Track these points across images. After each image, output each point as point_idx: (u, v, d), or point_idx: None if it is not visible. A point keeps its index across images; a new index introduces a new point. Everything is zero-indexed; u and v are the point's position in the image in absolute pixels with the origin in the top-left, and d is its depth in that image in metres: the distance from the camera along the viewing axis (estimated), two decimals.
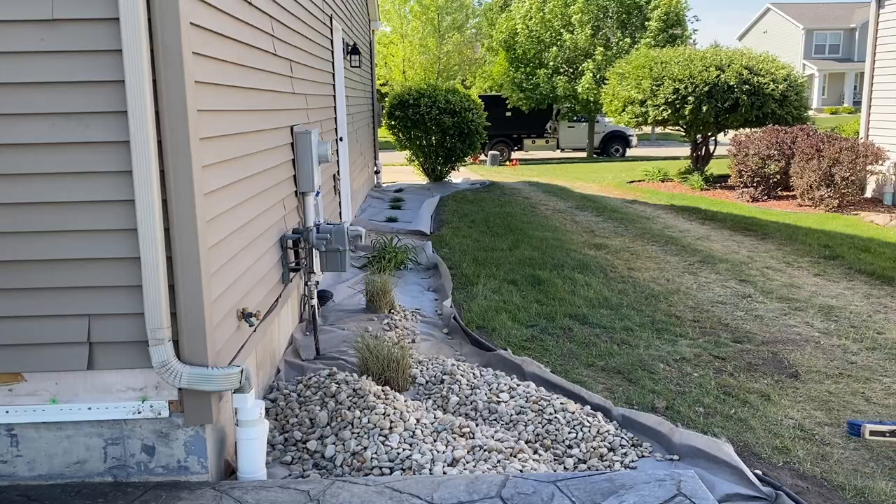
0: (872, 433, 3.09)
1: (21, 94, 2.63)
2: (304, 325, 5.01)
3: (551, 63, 24.47)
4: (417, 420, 3.56)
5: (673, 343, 4.96)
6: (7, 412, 2.84)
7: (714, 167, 15.97)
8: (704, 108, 14.37)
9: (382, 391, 3.86)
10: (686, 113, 14.58)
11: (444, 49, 31.01)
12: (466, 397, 3.93)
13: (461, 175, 17.21)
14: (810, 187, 11.54)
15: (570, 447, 3.45)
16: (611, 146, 25.97)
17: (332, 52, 7.29)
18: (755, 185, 12.77)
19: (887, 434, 3.11)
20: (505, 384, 4.08)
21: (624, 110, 16.20)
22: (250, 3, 3.68)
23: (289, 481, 2.94)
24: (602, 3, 24.11)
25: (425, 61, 30.86)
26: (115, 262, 2.75)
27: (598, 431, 3.57)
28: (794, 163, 11.98)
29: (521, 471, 3.11)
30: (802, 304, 5.98)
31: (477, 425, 3.59)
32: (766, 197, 12.72)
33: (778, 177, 12.52)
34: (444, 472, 3.10)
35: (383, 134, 16.48)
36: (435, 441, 3.39)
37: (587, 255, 7.75)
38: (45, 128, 2.65)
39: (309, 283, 4.57)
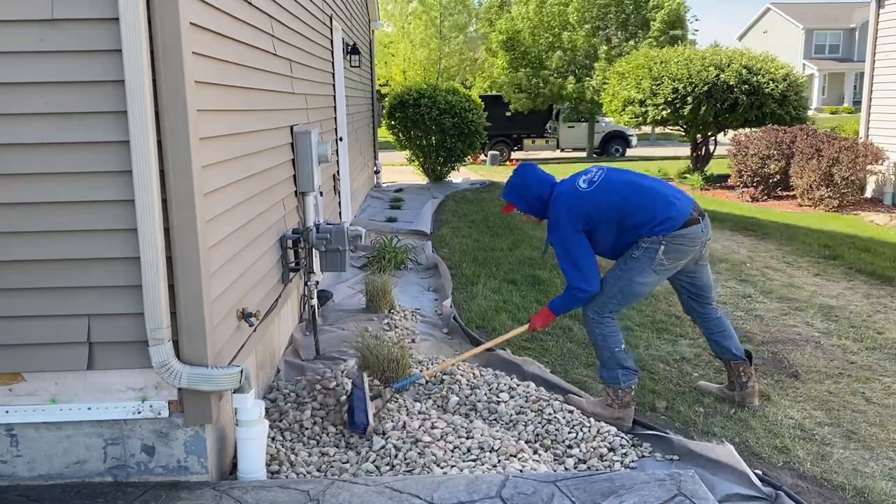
0: None
1: (21, 94, 2.63)
2: (304, 325, 5.01)
3: (555, 66, 24.45)
4: (416, 419, 3.55)
5: (673, 343, 4.96)
6: (7, 412, 2.84)
7: (714, 167, 15.98)
8: (704, 108, 14.37)
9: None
10: (685, 113, 14.59)
11: (446, 49, 31.00)
12: (466, 397, 3.93)
13: (461, 175, 17.21)
14: (810, 187, 11.54)
15: (570, 447, 3.45)
16: (611, 146, 25.96)
17: (332, 52, 7.29)
18: (755, 184, 12.78)
19: None
20: (505, 384, 4.08)
21: (624, 110, 16.21)
22: (250, 3, 3.68)
23: (289, 481, 2.94)
24: (602, 3, 24.10)
25: (426, 61, 30.85)
26: (115, 262, 2.75)
27: (598, 431, 3.56)
28: (793, 163, 11.98)
29: (521, 471, 3.11)
30: (802, 304, 5.98)
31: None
32: (765, 197, 12.72)
33: (778, 177, 12.53)
34: (444, 472, 3.10)
35: (383, 134, 16.48)
36: (435, 441, 3.40)
37: None
38: (45, 128, 2.65)
39: (309, 283, 4.57)
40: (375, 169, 14.00)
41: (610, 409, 3.73)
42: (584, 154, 26.19)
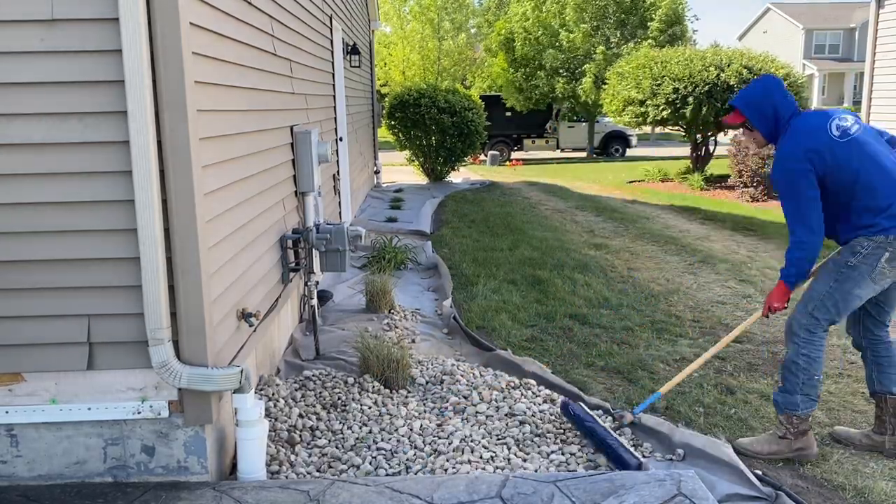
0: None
1: (21, 94, 2.63)
2: (303, 325, 5.01)
3: (549, 65, 24.48)
4: (416, 418, 3.55)
5: (673, 343, 4.96)
6: (7, 412, 2.84)
7: (714, 167, 15.97)
8: (704, 108, 14.37)
9: (381, 392, 3.86)
10: (686, 113, 14.58)
11: (444, 49, 31.00)
12: (466, 397, 3.93)
13: (461, 175, 17.22)
14: None
15: (569, 447, 3.44)
16: (611, 146, 25.98)
17: (332, 52, 7.29)
18: (755, 185, 12.77)
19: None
20: (505, 384, 4.08)
21: (624, 110, 16.21)
22: (250, 3, 3.68)
23: (289, 481, 2.94)
24: (600, 4, 24.12)
25: (425, 61, 30.85)
26: (115, 262, 2.75)
27: None
28: None
29: (522, 470, 3.11)
30: None
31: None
32: (766, 197, 12.72)
33: None
34: (444, 472, 3.10)
35: (383, 134, 16.49)
36: (435, 441, 3.40)
37: (587, 255, 7.75)
38: (45, 128, 2.65)
39: (309, 283, 4.57)
40: (375, 169, 14.01)
41: (786, 441, 3.31)
42: (584, 154, 26.20)
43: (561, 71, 24.65)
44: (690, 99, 14.41)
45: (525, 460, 3.28)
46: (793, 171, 3.13)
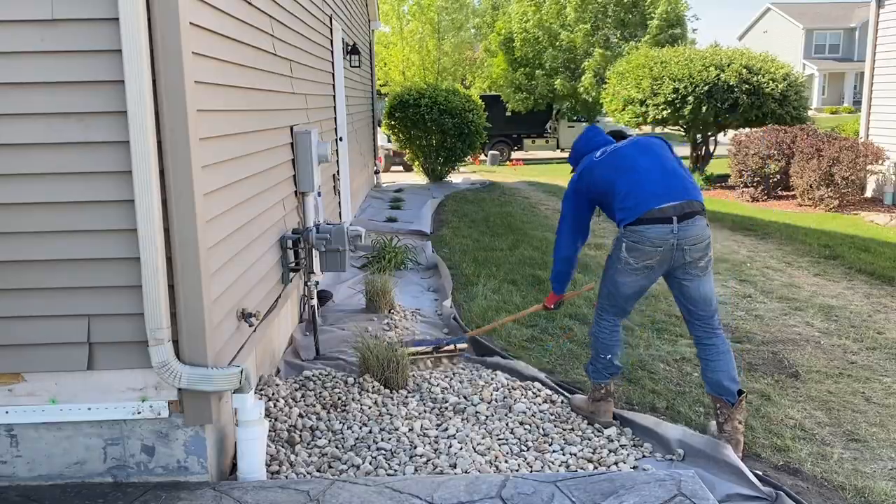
0: None
1: (20, 94, 2.63)
2: (303, 325, 5.01)
3: (549, 64, 24.50)
4: (416, 418, 3.55)
5: (673, 343, 4.96)
6: (7, 412, 2.84)
7: (714, 167, 15.98)
8: (704, 108, 14.37)
9: (381, 392, 3.86)
10: (686, 112, 14.59)
11: (444, 49, 31.00)
12: (466, 397, 3.93)
13: (461, 175, 17.22)
14: (810, 187, 11.54)
15: (570, 447, 3.45)
16: None
17: (332, 52, 7.29)
18: (755, 184, 12.78)
19: None
20: (504, 384, 4.07)
21: (624, 110, 16.22)
22: (250, 3, 3.68)
23: (289, 481, 2.94)
24: (601, 2, 24.13)
25: (425, 61, 30.84)
26: (115, 262, 2.75)
27: (600, 431, 3.56)
28: (794, 162, 11.98)
29: (520, 470, 3.11)
30: (802, 303, 5.98)
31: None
32: (766, 197, 12.72)
33: (778, 176, 12.53)
34: (444, 472, 3.10)
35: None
36: (435, 441, 3.40)
37: (587, 255, 7.74)
38: (45, 128, 2.65)
39: (309, 284, 4.56)
40: (375, 169, 14.00)
41: (586, 402, 3.77)
42: None
43: (561, 70, 24.67)
44: (690, 99, 14.42)
45: (525, 460, 3.29)
46: (567, 193, 3.77)
